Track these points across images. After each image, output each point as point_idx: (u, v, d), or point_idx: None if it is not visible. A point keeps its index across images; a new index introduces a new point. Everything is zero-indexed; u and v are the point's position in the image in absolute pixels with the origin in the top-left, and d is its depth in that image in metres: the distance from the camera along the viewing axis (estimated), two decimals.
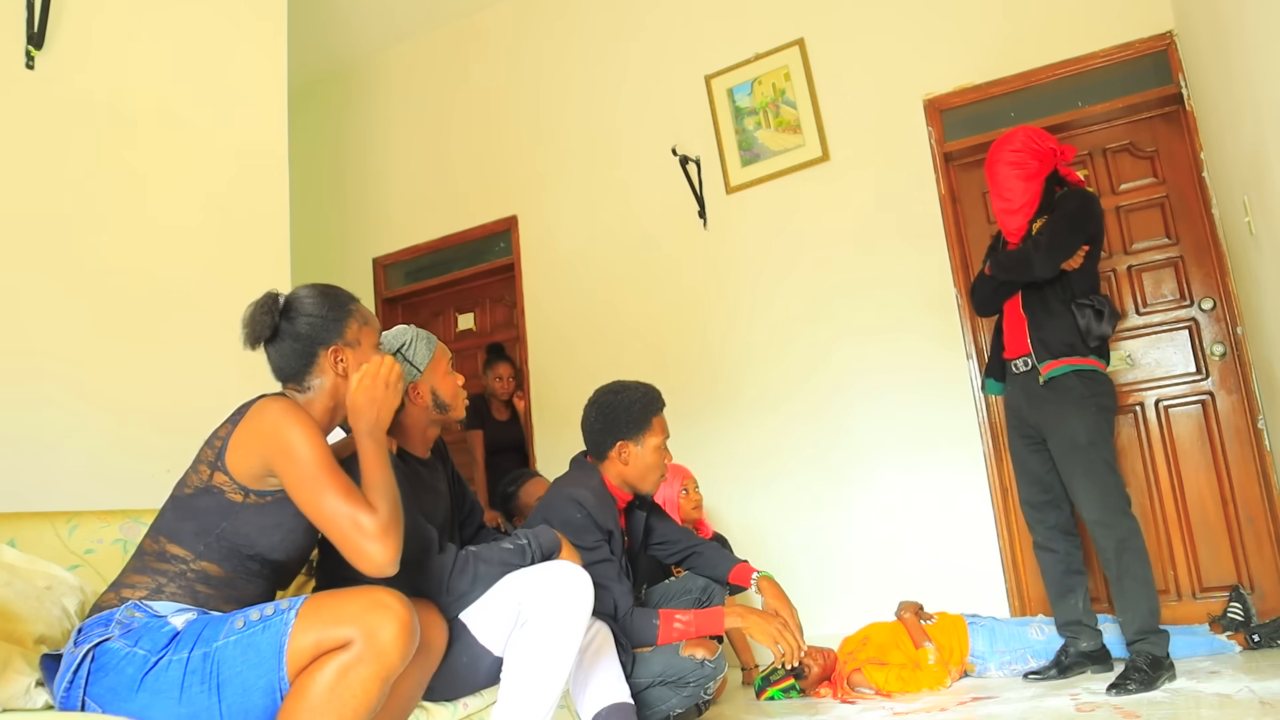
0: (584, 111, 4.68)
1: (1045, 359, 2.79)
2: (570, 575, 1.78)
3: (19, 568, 1.63)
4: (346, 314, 1.68)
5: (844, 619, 3.49)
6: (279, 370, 1.66)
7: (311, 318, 1.64)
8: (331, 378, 1.65)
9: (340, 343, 1.65)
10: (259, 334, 1.62)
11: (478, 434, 4.36)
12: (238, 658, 1.35)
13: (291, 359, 1.64)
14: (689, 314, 4.31)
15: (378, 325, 1.76)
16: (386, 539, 1.44)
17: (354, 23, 5.09)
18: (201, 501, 1.51)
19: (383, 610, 1.36)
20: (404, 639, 1.36)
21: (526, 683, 1.72)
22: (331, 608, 1.37)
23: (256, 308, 1.63)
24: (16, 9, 2.64)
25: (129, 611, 1.42)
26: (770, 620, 2.24)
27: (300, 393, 1.64)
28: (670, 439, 2.46)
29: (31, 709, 1.47)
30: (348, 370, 1.65)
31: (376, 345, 1.73)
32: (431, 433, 2.05)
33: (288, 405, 1.51)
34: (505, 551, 1.85)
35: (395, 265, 5.27)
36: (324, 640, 1.34)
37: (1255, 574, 3.30)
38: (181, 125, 3.09)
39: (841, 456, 3.89)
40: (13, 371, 2.48)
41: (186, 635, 1.39)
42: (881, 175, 3.94)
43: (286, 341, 1.63)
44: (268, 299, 1.64)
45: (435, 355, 2.02)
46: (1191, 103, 3.44)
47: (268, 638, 1.35)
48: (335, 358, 1.65)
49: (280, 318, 1.64)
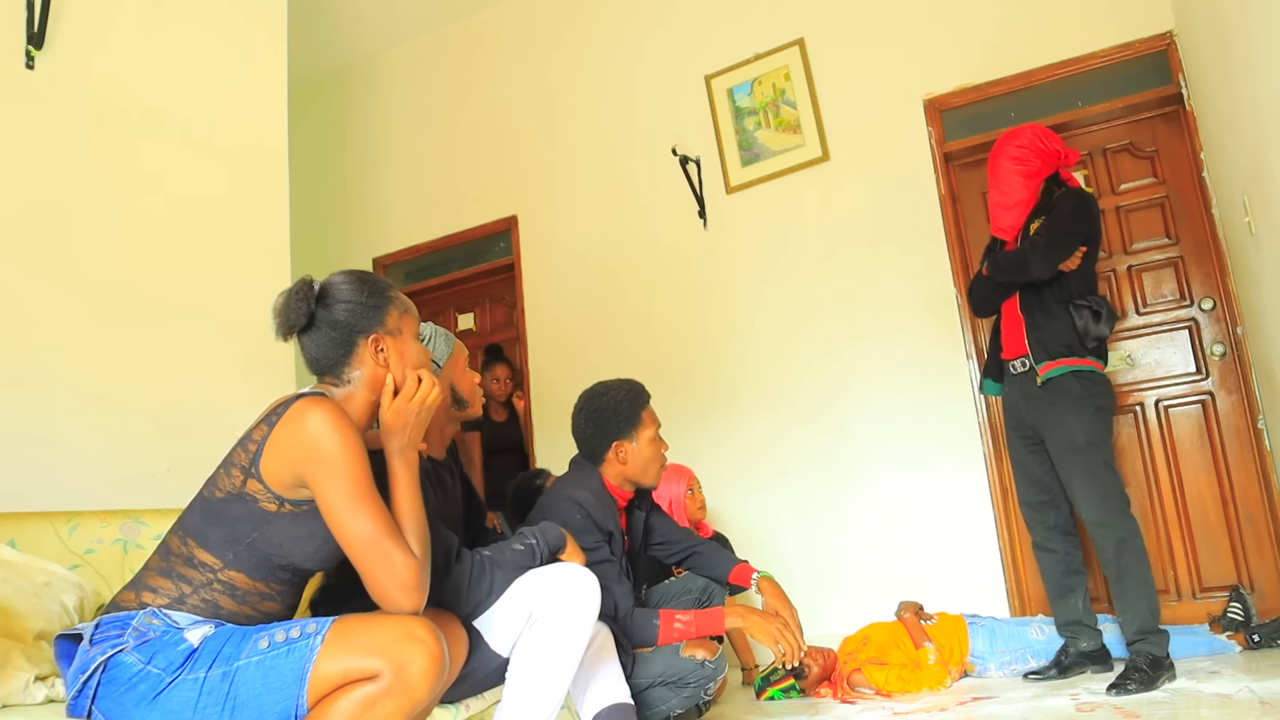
0: (584, 111, 4.68)
1: (1043, 360, 2.79)
2: (578, 578, 1.77)
3: (17, 564, 1.63)
4: (386, 300, 1.59)
5: (844, 619, 3.49)
6: (315, 362, 1.56)
7: (350, 304, 1.55)
8: (371, 368, 1.55)
9: (381, 331, 1.56)
10: (294, 322, 1.52)
11: (475, 435, 4.37)
12: (258, 680, 1.30)
13: (329, 349, 1.54)
14: (689, 314, 4.31)
15: (417, 314, 1.67)
16: (418, 590, 1.38)
17: (354, 23, 5.09)
18: (233, 508, 1.43)
19: (415, 645, 1.30)
20: (434, 674, 1.31)
21: (532, 684, 1.71)
22: (361, 636, 1.31)
23: (291, 295, 1.53)
24: (16, 9, 2.64)
25: (146, 619, 1.35)
26: (771, 620, 2.24)
27: (338, 386, 1.55)
28: (670, 440, 2.46)
29: (30, 704, 1.47)
30: (389, 360, 1.56)
31: (417, 335, 1.65)
32: (449, 431, 2.03)
33: (330, 411, 1.41)
34: (516, 554, 1.84)
35: (395, 265, 5.27)
36: (351, 670, 1.29)
37: (1255, 574, 3.30)
38: (181, 125, 3.09)
39: (841, 456, 3.89)
40: (13, 371, 2.48)
41: (205, 652, 1.33)
42: (881, 175, 3.94)
43: (323, 330, 1.53)
44: (303, 285, 1.54)
45: (454, 352, 2.01)
46: (1191, 103, 3.44)
47: (291, 662, 1.30)
48: (376, 347, 1.55)
49: (316, 305, 1.54)
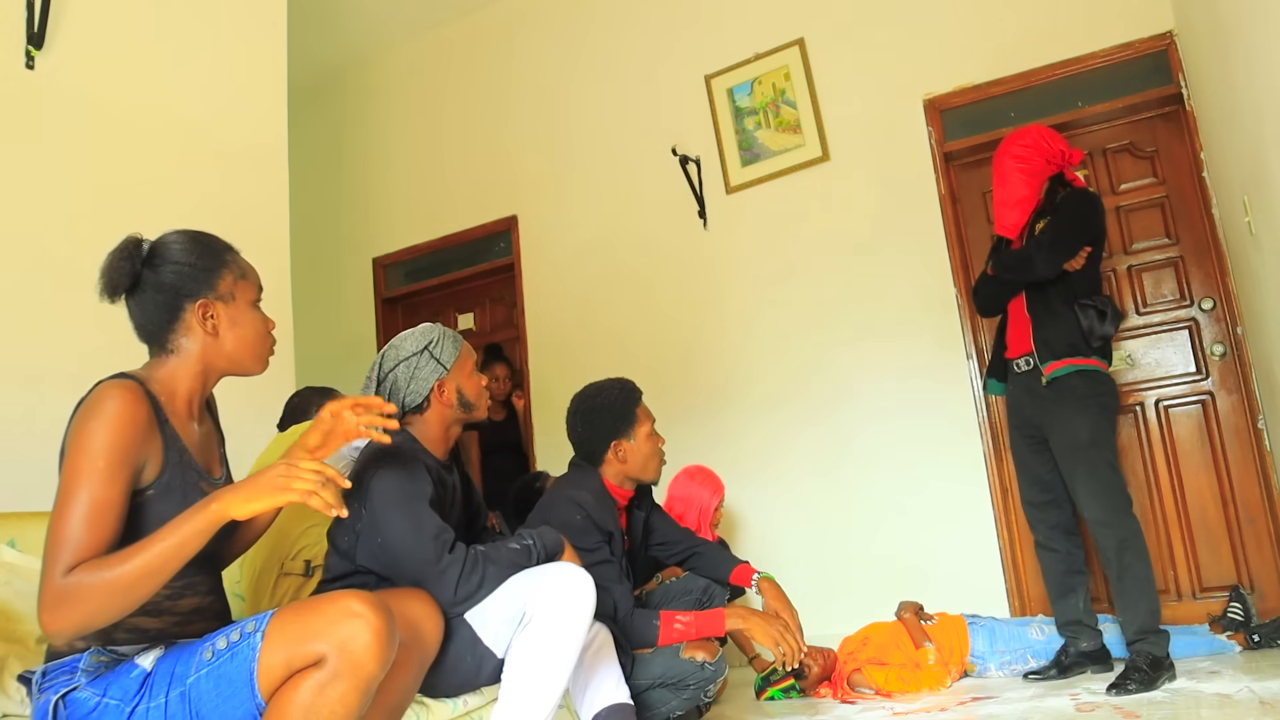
0: (584, 111, 4.68)
1: (1048, 359, 2.79)
2: (574, 578, 1.78)
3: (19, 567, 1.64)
4: (220, 264, 1.49)
5: (844, 619, 3.49)
6: (140, 328, 1.46)
7: (179, 265, 1.44)
8: (200, 337, 1.45)
9: (211, 296, 1.46)
10: (117, 283, 1.41)
11: (472, 434, 4.37)
12: (212, 691, 1.28)
13: (153, 313, 1.44)
14: (689, 314, 4.31)
15: (259, 281, 1.56)
16: (48, 611, 1.21)
17: (354, 23, 5.09)
18: None
19: (353, 620, 1.27)
20: (379, 646, 1.28)
21: (527, 684, 1.72)
22: (298, 623, 1.29)
23: (115, 254, 1.42)
24: (16, 9, 2.64)
25: (93, 658, 1.31)
26: (772, 622, 2.24)
27: (164, 357, 1.45)
28: (670, 441, 2.47)
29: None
30: (218, 328, 1.46)
31: (256, 303, 1.53)
32: (453, 432, 2.03)
33: (102, 392, 1.32)
34: (512, 552, 1.84)
35: (395, 265, 5.26)
36: (294, 658, 1.27)
37: (1255, 574, 3.30)
38: (181, 125, 3.09)
39: (841, 456, 3.89)
40: (13, 371, 2.48)
41: (159, 676, 1.30)
42: (881, 175, 3.94)
43: (148, 293, 1.43)
44: (128, 243, 1.44)
45: (461, 354, 2.01)
46: (1191, 103, 3.44)
47: (237, 665, 1.28)
48: (204, 313, 1.45)
49: (144, 266, 1.44)
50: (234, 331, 1.48)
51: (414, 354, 1.96)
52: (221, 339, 1.47)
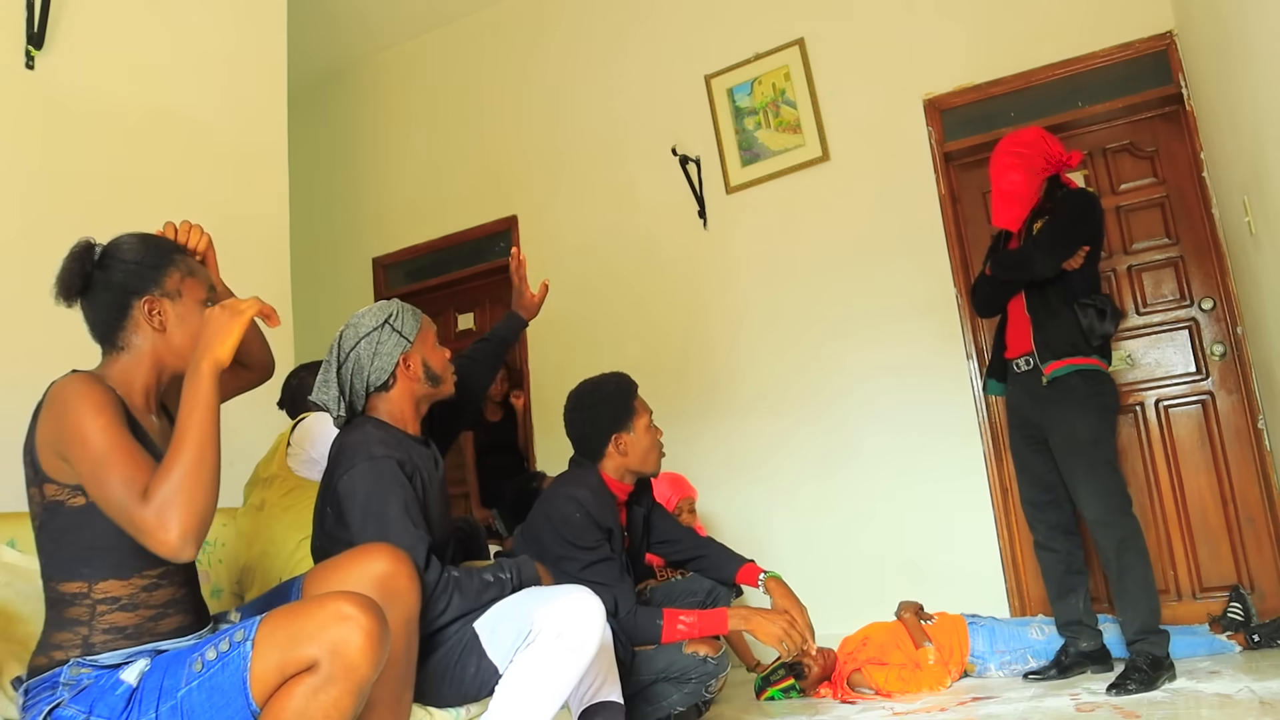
0: (584, 111, 4.68)
1: (1048, 359, 2.79)
2: (585, 604, 1.74)
3: (19, 567, 1.63)
4: (168, 262, 1.52)
5: (844, 619, 3.48)
6: (93, 327, 1.50)
7: (127, 264, 1.49)
8: (149, 333, 1.48)
9: (158, 292, 1.49)
10: (70, 285, 1.45)
11: (468, 434, 4.36)
12: (205, 703, 1.27)
13: (103, 311, 1.48)
14: (689, 314, 4.31)
15: (209, 280, 1.60)
16: (161, 528, 1.26)
17: (354, 23, 5.09)
18: (54, 523, 1.37)
19: (345, 624, 1.27)
20: (371, 648, 1.28)
21: (517, 702, 1.69)
22: (289, 628, 1.29)
23: (68, 257, 1.46)
24: (16, 9, 2.64)
25: (74, 670, 1.31)
26: (775, 620, 2.23)
27: (116, 354, 1.49)
28: (670, 440, 2.47)
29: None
30: (165, 324, 1.49)
31: (204, 302, 1.55)
32: (422, 408, 1.99)
33: (65, 383, 1.37)
34: (483, 584, 1.80)
35: (395, 265, 5.26)
36: (287, 663, 1.27)
37: (1255, 574, 3.30)
38: (181, 125, 3.09)
39: (841, 456, 3.89)
40: (13, 371, 2.48)
41: (147, 691, 1.30)
42: (881, 175, 3.94)
43: (99, 292, 1.47)
44: (80, 246, 1.48)
45: (422, 327, 1.98)
46: (1191, 103, 3.44)
47: (229, 676, 1.27)
48: (150, 310, 1.48)
49: (95, 267, 1.48)
50: (182, 328, 1.51)
51: (374, 329, 1.91)
52: (169, 335, 1.50)
